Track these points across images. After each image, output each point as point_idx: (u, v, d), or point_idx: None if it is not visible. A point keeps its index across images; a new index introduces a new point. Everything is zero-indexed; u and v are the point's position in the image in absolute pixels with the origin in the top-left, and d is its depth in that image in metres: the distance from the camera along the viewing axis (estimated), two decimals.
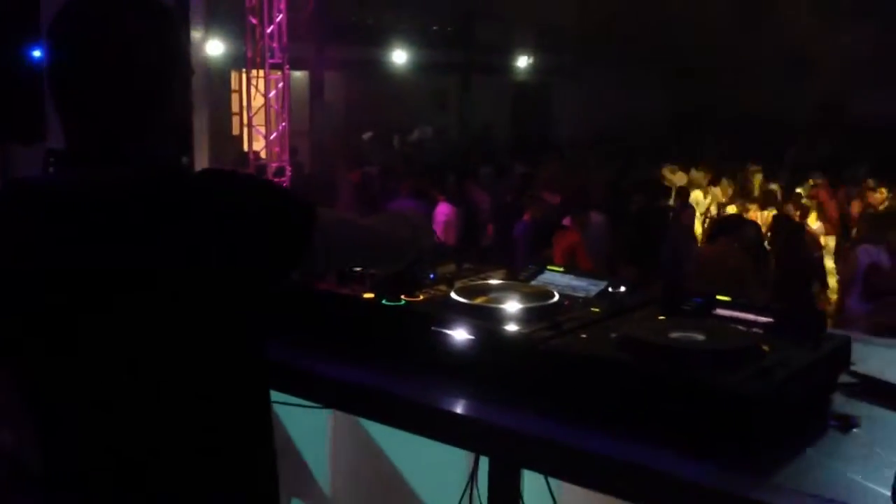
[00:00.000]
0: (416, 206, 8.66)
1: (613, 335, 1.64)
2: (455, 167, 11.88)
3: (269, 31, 9.53)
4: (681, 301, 1.87)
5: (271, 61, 9.71)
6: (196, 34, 3.16)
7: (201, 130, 3.25)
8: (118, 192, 1.37)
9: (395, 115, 18.15)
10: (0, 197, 1.48)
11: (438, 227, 8.97)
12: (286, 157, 10.06)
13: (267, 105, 9.77)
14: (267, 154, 9.78)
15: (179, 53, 1.47)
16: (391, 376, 1.75)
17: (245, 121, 10.28)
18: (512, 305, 1.80)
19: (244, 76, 10.24)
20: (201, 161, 3.24)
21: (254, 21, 9.59)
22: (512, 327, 1.73)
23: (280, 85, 9.88)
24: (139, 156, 1.42)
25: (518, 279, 2.09)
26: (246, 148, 10.26)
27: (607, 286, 2.00)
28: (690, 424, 1.44)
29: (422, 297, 1.90)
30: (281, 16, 9.59)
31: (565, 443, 1.49)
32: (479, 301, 1.84)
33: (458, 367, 1.73)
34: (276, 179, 9.78)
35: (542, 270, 2.13)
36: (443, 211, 9.22)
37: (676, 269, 7.46)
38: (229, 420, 1.47)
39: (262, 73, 9.78)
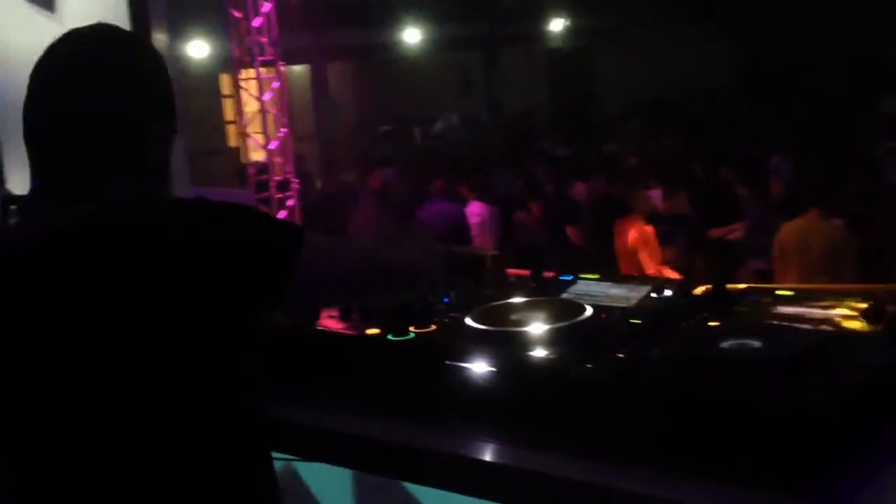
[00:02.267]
0: (451, 209, 8.70)
1: (654, 351, 1.64)
2: (486, 157, 11.92)
3: (255, 24, 9.63)
4: (734, 301, 1.87)
5: (262, 59, 9.80)
6: (160, 36, 3.20)
7: (178, 150, 3.29)
8: (80, 232, 1.47)
9: (414, 105, 18.22)
10: None
11: (473, 230, 8.99)
12: (290, 167, 10.14)
13: (263, 110, 9.85)
14: (268, 166, 9.86)
15: (161, 101, 1.59)
16: (404, 423, 1.77)
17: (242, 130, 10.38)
18: (536, 327, 1.82)
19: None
20: (183, 184, 3.29)
21: (237, 14, 9.69)
22: (537, 353, 1.74)
23: (275, 85, 9.97)
24: (106, 195, 1.51)
25: (546, 293, 2.10)
26: (244, 161, 10.33)
27: (650, 291, 2.00)
28: (744, 451, 1.44)
29: (434, 327, 1.92)
30: (268, 5, 9.68)
31: (605, 485, 1.50)
32: (497, 325, 1.85)
33: (479, 405, 1.74)
34: (280, 195, 9.87)
35: (574, 281, 2.14)
36: (475, 211, 9.22)
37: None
38: (209, 477, 1.52)
39: (253, 73, 9.87)
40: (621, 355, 1.67)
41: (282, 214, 9.80)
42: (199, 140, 14.79)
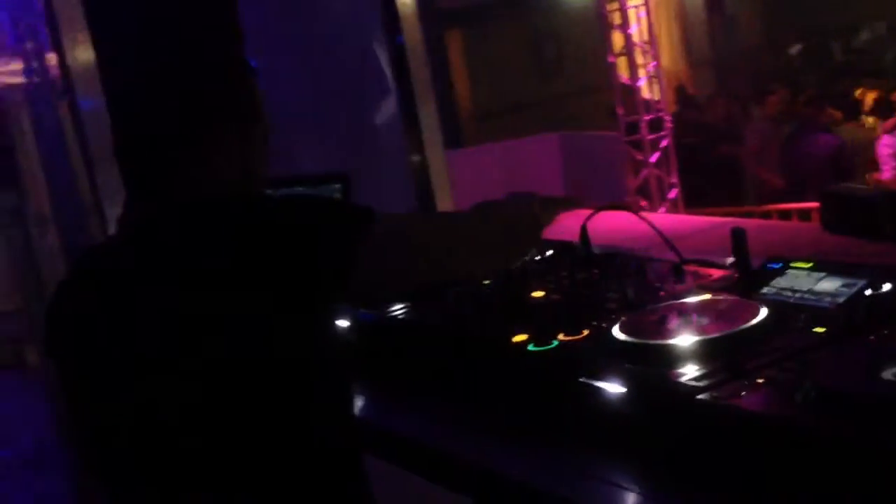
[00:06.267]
0: (828, 140, 8.18)
1: (797, 378, 1.43)
2: None
3: None
4: None
5: None
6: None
7: (429, 115, 3.37)
8: (143, 234, 1.63)
9: (831, 15, 17.00)
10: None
11: (887, 165, 8.38)
12: (663, 104, 9.92)
13: (629, 44, 9.73)
14: (638, 104, 9.73)
15: (234, 108, 1.70)
16: (520, 447, 1.70)
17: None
18: (684, 339, 1.64)
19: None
20: (436, 149, 3.37)
21: None
22: (679, 371, 1.58)
23: (641, 15, 9.80)
24: (173, 196, 1.64)
25: (746, 286, 1.90)
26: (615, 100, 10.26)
27: (864, 287, 1.73)
28: None
29: (585, 333, 1.82)
30: None
31: None
32: (642, 335, 1.70)
33: (606, 431, 1.63)
34: (652, 136, 9.71)
35: (782, 270, 1.91)
36: (886, 142, 8.52)
37: None
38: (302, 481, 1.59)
39: (617, 4, 9.77)
40: (761, 380, 1.47)
41: (654, 157, 9.67)
42: (579, 78, 14.99)
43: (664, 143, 9.72)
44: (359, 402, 2.05)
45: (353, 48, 3.35)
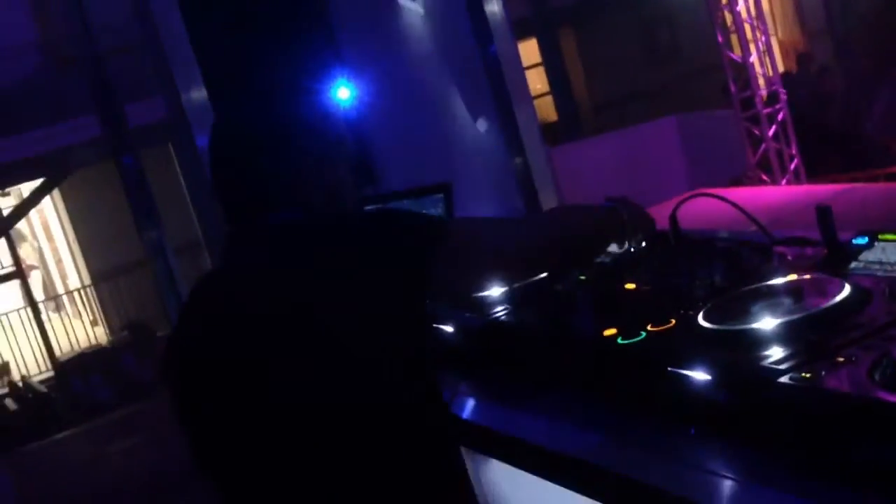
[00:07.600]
0: None
1: (880, 357, 1.41)
2: None
3: None
4: None
5: None
6: (493, 9, 3.32)
7: (527, 118, 3.39)
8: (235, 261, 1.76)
9: None
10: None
11: None
12: (777, 77, 9.68)
13: (737, 21, 9.52)
14: (752, 79, 9.50)
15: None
16: (624, 439, 1.72)
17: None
18: (767, 322, 1.63)
19: None
20: (536, 148, 3.38)
21: None
22: (760, 355, 1.57)
23: None
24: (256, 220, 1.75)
25: (833, 263, 1.87)
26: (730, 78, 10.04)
27: None
28: None
29: (672, 323, 1.82)
30: None
31: None
32: (726, 321, 1.69)
33: (703, 419, 1.63)
34: (768, 110, 9.48)
35: (869, 244, 1.87)
36: None
37: None
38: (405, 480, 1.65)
39: None
40: (842, 359, 1.46)
41: (771, 131, 9.44)
42: (694, 61, 14.71)
43: (781, 115, 9.48)
44: (466, 402, 2.10)
45: (449, 60, 3.39)
